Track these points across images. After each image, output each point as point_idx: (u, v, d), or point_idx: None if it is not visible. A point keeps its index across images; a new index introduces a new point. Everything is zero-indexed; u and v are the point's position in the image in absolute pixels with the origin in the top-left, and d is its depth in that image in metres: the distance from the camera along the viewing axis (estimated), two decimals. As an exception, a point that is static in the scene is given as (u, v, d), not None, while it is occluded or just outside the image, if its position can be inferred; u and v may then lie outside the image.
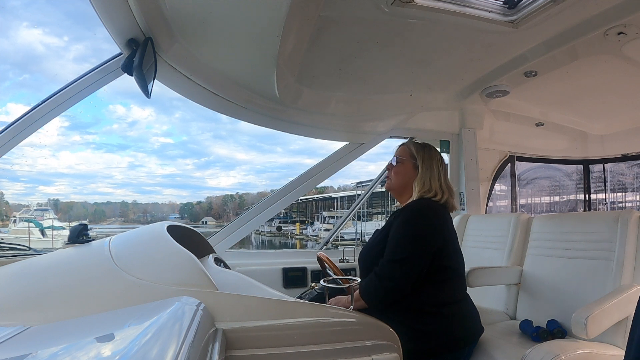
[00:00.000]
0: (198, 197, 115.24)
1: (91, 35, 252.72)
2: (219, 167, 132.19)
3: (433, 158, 1.53)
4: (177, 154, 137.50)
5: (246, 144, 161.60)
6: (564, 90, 2.55)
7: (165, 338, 0.60)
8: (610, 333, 1.43)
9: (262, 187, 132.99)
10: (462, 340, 1.40)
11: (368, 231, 19.38)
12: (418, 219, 1.39)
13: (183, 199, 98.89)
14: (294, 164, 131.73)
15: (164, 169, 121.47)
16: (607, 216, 1.71)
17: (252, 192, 65.88)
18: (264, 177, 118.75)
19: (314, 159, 26.60)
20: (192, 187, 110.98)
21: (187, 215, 39.22)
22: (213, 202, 43.00)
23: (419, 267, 1.32)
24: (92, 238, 1.27)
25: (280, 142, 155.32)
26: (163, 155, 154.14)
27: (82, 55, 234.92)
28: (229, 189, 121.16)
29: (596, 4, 1.59)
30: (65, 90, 1.76)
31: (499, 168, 3.32)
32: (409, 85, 2.40)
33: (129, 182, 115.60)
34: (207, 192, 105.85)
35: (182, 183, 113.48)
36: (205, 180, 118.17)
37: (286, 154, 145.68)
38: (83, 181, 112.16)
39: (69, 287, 1.00)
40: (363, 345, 1.01)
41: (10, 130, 1.72)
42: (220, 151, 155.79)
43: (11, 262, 1.23)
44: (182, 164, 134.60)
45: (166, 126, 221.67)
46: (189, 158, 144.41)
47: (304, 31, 1.66)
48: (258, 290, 1.15)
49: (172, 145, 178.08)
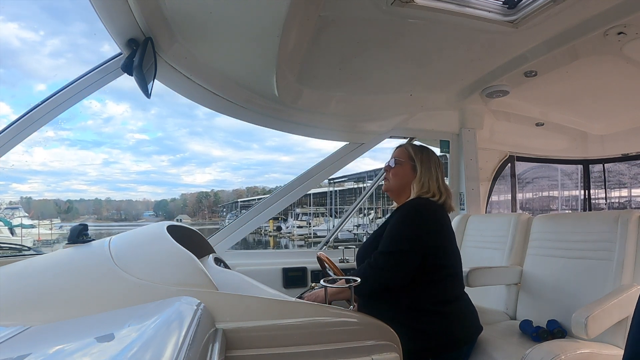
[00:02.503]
0: (173, 194, 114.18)
1: (67, 30, 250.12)
2: (195, 163, 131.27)
3: (431, 160, 1.53)
4: (153, 150, 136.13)
5: (222, 140, 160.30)
6: (564, 90, 2.55)
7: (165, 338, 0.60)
8: (611, 333, 1.43)
9: (238, 184, 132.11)
10: (461, 340, 1.41)
11: (342, 227, 19.26)
12: (415, 216, 1.40)
13: (158, 196, 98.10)
14: (270, 161, 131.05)
15: (139, 166, 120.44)
16: (607, 216, 1.71)
17: (228, 189, 65.15)
18: (240, 174, 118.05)
19: (290, 156, 26.48)
20: (167, 184, 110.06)
21: (161, 213, 38.96)
22: (188, 200, 42.88)
23: (410, 263, 1.33)
24: (92, 238, 1.28)
25: (257, 138, 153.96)
26: (138, 152, 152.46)
27: (58, 51, 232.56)
28: (204, 185, 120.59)
29: (596, 4, 1.59)
30: (65, 90, 1.76)
31: (499, 168, 3.33)
32: (409, 85, 2.40)
33: (103, 179, 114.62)
34: (183, 189, 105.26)
35: (157, 180, 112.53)
36: (180, 177, 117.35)
37: (262, 150, 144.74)
38: (57, 178, 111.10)
39: (69, 287, 1.00)
40: (363, 345, 1.01)
41: (10, 130, 1.72)
42: (196, 147, 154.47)
43: (11, 262, 1.23)
44: (157, 161, 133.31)
45: (142, 122, 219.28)
46: (164, 154, 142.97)
47: (304, 31, 1.66)
48: (258, 290, 1.15)
49: (147, 142, 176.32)
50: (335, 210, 21.36)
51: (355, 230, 19.40)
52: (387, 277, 1.33)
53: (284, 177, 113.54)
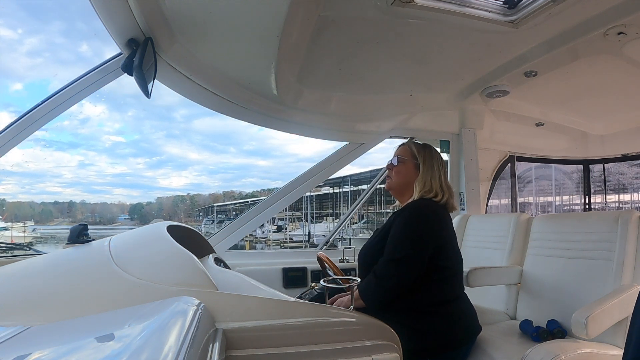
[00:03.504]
0: (149, 197, 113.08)
1: (46, 28, 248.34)
2: (171, 166, 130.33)
3: (434, 158, 1.53)
4: (129, 152, 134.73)
5: (199, 144, 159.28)
6: (564, 90, 2.54)
7: (165, 338, 0.60)
8: (611, 333, 1.43)
9: (215, 188, 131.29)
10: (461, 340, 1.41)
11: (317, 232, 19.29)
12: (418, 219, 1.39)
13: (133, 199, 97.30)
14: (247, 165, 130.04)
15: (115, 168, 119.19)
16: (607, 216, 1.71)
17: (204, 193, 64.53)
18: (217, 178, 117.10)
19: (267, 161, 26.24)
20: (143, 187, 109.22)
21: (137, 217, 38.63)
22: (164, 203, 42.70)
23: (417, 267, 1.33)
24: (92, 238, 1.28)
25: (234, 142, 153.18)
26: (114, 154, 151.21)
27: (36, 50, 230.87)
28: (180, 189, 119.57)
29: (596, 4, 1.59)
30: (65, 90, 1.76)
31: (499, 168, 3.33)
32: (409, 85, 2.40)
33: (78, 182, 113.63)
34: (158, 193, 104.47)
35: (133, 183, 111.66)
36: (156, 180, 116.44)
37: (240, 154, 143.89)
38: (31, 180, 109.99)
39: (69, 287, 1.00)
40: (363, 345, 1.01)
41: (10, 130, 1.72)
42: (173, 150, 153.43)
43: (11, 262, 1.23)
44: (133, 163, 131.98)
45: (118, 124, 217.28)
46: (140, 157, 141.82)
47: (304, 31, 1.66)
48: (258, 290, 1.15)
49: (123, 144, 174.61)
50: (312, 216, 21.20)
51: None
52: (395, 286, 1.32)
53: (261, 181, 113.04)
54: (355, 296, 1.33)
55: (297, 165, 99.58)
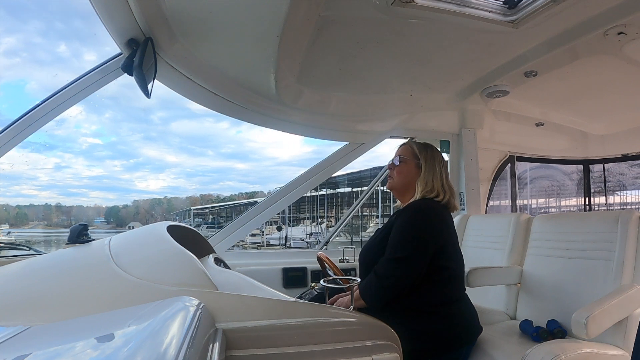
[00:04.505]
0: (125, 200, 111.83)
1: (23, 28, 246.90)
2: (149, 169, 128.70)
3: (435, 158, 1.53)
4: (106, 155, 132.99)
5: (177, 146, 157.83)
6: (564, 90, 2.54)
7: (165, 338, 0.60)
8: (611, 333, 1.43)
9: (192, 191, 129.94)
10: (461, 340, 1.41)
11: (294, 236, 19.17)
12: (419, 219, 1.39)
13: (110, 202, 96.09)
14: (225, 168, 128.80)
15: (91, 171, 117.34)
16: (607, 216, 1.71)
17: (182, 196, 63.89)
18: (195, 181, 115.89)
19: (246, 164, 25.83)
20: (120, 190, 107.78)
21: (113, 220, 38.29)
22: (140, 206, 42.36)
23: (418, 267, 1.33)
24: (92, 238, 1.28)
25: (212, 144, 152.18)
26: (91, 156, 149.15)
27: (13, 49, 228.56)
28: (157, 192, 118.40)
29: (596, 4, 1.59)
30: (65, 90, 1.77)
31: (499, 168, 3.33)
32: (409, 85, 2.39)
33: (54, 184, 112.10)
34: (135, 195, 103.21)
35: (110, 185, 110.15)
36: (133, 183, 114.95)
37: (218, 157, 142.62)
38: (6, 182, 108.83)
39: (69, 287, 1.00)
40: (363, 345, 1.01)
41: (10, 130, 1.72)
42: (150, 153, 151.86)
43: (11, 262, 1.23)
44: (110, 166, 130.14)
45: (95, 126, 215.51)
46: (117, 159, 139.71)
47: (304, 31, 1.66)
48: (258, 290, 1.15)
49: (100, 146, 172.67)
50: (289, 219, 21.09)
51: (308, 238, 19.24)
52: (396, 285, 1.32)
53: (240, 185, 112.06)
54: (356, 296, 1.33)
55: (275, 169, 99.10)
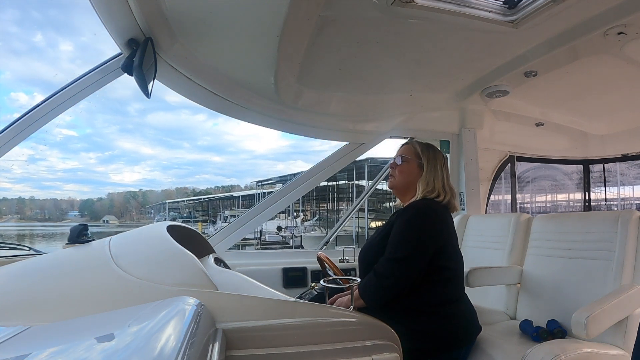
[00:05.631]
0: (100, 193, 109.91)
1: None
2: (124, 161, 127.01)
3: (437, 158, 1.53)
4: (81, 147, 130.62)
5: (153, 138, 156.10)
6: (564, 90, 2.54)
7: (165, 338, 0.60)
8: (611, 333, 1.43)
9: (168, 184, 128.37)
10: (460, 340, 1.41)
11: (269, 230, 19.10)
12: (420, 219, 1.39)
13: (84, 195, 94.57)
14: (201, 161, 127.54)
15: (66, 163, 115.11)
16: (607, 216, 1.71)
17: (157, 189, 63.00)
18: (170, 173, 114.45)
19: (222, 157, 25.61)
20: (95, 183, 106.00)
21: (87, 213, 37.75)
22: (115, 199, 41.78)
23: (418, 267, 1.33)
24: (92, 238, 1.28)
25: (188, 137, 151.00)
26: (66, 149, 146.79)
27: None
28: (132, 185, 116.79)
29: (596, 4, 1.59)
30: (65, 90, 1.77)
31: (499, 168, 3.32)
32: (409, 85, 2.39)
33: (28, 177, 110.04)
34: (110, 188, 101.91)
35: (84, 178, 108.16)
36: (108, 176, 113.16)
37: (194, 149, 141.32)
38: None
39: (69, 287, 1.00)
40: (363, 345, 1.01)
41: (10, 130, 1.72)
42: (126, 145, 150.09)
43: (11, 262, 1.23)
44: (85, 158, 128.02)
45: (70, 117, 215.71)
46: (92, 152, 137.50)
47: (304, 31, 1.65)
48: (258, 290, 1.15)
49: (75, 138, 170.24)
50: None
51: (283, 232, 19.30)
52: (395, 285, 1.32)
53: (216, 178, 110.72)
54: (355, 296, 1.33)
55: (252, 162, 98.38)
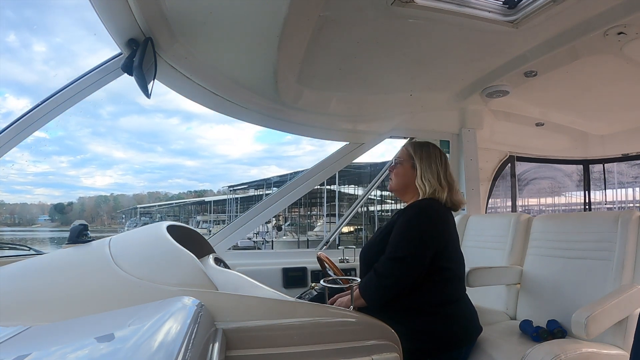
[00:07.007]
0: (71, 197, 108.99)
1: None
2: (96, 165, 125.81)
3: (431, 155, 1.53)
4: (53, 150, 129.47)
5: (125, 142, 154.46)
6: (564, 90, 2.54)
7: (165, 338, 0.60)
8: (611, 333, 1.43)
9: (140, 188, 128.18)
10: (461, 340, 1.41)
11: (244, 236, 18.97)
12: (421, 219, 1.39)
13: (55, 199, 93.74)
14: (174, 165, 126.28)
15: (37, 167, 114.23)
16: (607, 216, 1.71)
17: (129, 193, 62.75)
18: (143, 177, 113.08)
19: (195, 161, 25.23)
20: (66, 187, 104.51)
21: (57, 217, 37.34)
22: (86, 204, 41.47)
23: (418, 267, 1.33)
24: (92, 238, 1.28)
25: (161, 140, 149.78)
26: (37, 152, 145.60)
27: None
28: (104, 189, 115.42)
29: (596, 4, 1.59)
30: (65, 90, 1.76)
31: (499, 168, 3.32)
32: (409, 85, 2.39)
33: None
34: (81, 192, 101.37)
35: (56, 182, 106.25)
36: (79, 180, 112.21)
37: (167, 153, 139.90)
38: None
39: (69, 287, 1.00)
40: (363, 345, 1.01)
41: (10, 130, 1.72)
42: (98, 149, 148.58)
43: (11, 262, 1.23)
44: (56, 162, 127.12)
45: None
46: (64, 155, 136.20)
47: (304, 31, 1.65)
48: (258, 290, 1.15)
49: (47, 141, 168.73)
50: (236, 218, 21.07)
51: (255, 238, 19.36)
52: (395, 284, 1.32)
53: (189, 182, 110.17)
54: (356, 296, 1.33)
55: (226, 166, 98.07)
